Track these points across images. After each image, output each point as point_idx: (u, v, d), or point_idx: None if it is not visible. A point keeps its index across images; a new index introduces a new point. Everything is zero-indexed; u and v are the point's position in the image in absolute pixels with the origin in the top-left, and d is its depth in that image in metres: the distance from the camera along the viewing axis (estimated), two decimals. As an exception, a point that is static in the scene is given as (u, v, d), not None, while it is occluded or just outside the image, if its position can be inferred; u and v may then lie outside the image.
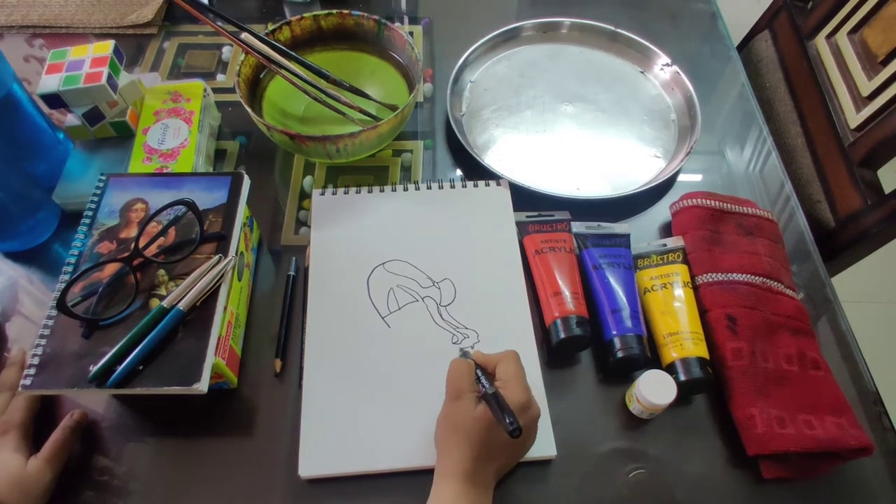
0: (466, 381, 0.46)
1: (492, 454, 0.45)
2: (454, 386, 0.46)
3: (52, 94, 0.59)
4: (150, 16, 0.81)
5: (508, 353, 0.48)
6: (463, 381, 0.46)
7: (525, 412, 0.44)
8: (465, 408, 0.45)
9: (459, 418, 0.45)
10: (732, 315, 0.54)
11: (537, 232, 0.60)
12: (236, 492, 0.49)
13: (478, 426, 0.44)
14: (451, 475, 0.44)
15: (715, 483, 0.51)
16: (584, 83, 0.77)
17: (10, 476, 0.45)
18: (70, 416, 0.50)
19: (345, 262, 0.59)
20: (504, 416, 0.41)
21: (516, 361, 0.47)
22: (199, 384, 0.45)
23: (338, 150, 0.62)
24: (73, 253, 0.51)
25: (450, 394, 0.46)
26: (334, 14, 0.70)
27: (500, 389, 0.45)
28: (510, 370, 0.46)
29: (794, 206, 0.68)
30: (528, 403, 0.45)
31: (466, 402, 0.45)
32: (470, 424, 0.44)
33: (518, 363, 0.47)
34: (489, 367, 0.48)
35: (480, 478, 0.44)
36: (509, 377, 0.45)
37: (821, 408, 0.51)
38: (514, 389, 0.44)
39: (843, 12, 0.79)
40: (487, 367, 0.48)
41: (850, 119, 0.75)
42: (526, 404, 0.44)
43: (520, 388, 0.45)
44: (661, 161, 0.70)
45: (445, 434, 0.46)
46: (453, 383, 0.46)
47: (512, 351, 0.48)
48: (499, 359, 0.47)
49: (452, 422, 0.45)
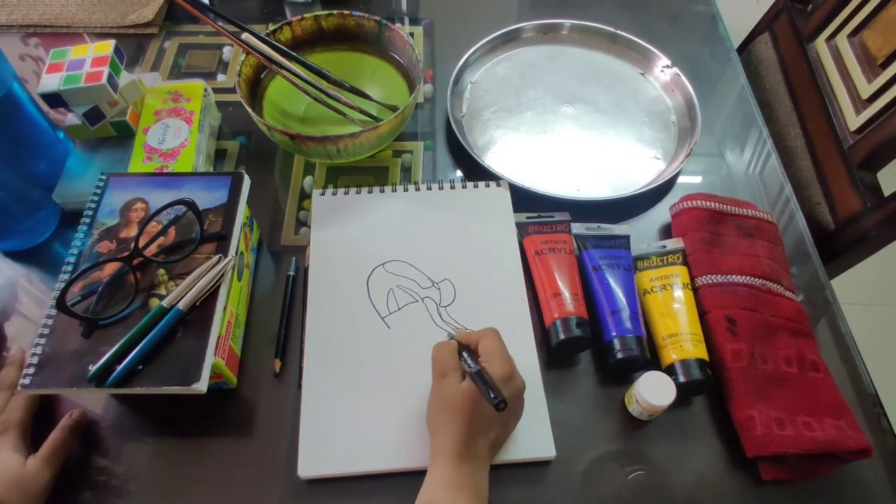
0: (450, 360, 0.47)
1: (482, 428, 0.46)
2: (439, 366, 0.47)
3: (52, 94, 0.59)
4: (150, 15, 0.81)
5: (489, 330, 0.49)
6: (447, 360, 0.47)
7: (509, 383, 0.45)
8: (451, 386, 0.46)
9: (446, 395, 0.46)
10: (732, 317, 0.54)
11: (537, 233, 0.60)
12: (235, 492, 0.49)
13: (465, 401, 0.45)
14: (444, 453, 0.44)
15: (714, 484, 0.51)
16: (584, 84, 0.77)
17: (9, 475, 0.45)
18: (69, 415, 0.50)
19: (345, 262, 0.59)
20: (489, 390, 0.42)
21: (497, 336, 0.48)
22: (199, 384, 0.45)
23: (338, 150, 0.62)
24: (72, 252, 0.51)
25: (435, 374, 0.48)
26: (335, 15, 0.70)
27: (484, 364, 0.46)
28: (492, 345, 0.47)
29: (794, 208, 0.68)
30: (511, 374, 0.46)
31: (452, 379, 0.46)
32: (457, 401, 0.45)
33: (499, 338, 0.48)
34: (471, 344, 0.49)
35: (473, 453, 0.45)
36: (492, 351, 0.47)
37: (820, 410, 0.51)
38: (496, 363, 0.46)
39: (843, 15, 0.79)
40: (470, 344, 0.49)
41: (849, 121, 0.75)
42: (509, 375, 0.46)
43: (502, 361, 0.46)
44: (661, 163, 0.70)
45: (434, 414, 0.47)
46: (438, 363, 0.48)
47: (491, 328, 0.49)
48: (480, 335, 0.49)
49: (440, 400, 0.46)
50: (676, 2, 0.90)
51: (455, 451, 0.44)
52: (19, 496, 0.44)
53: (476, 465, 0.45)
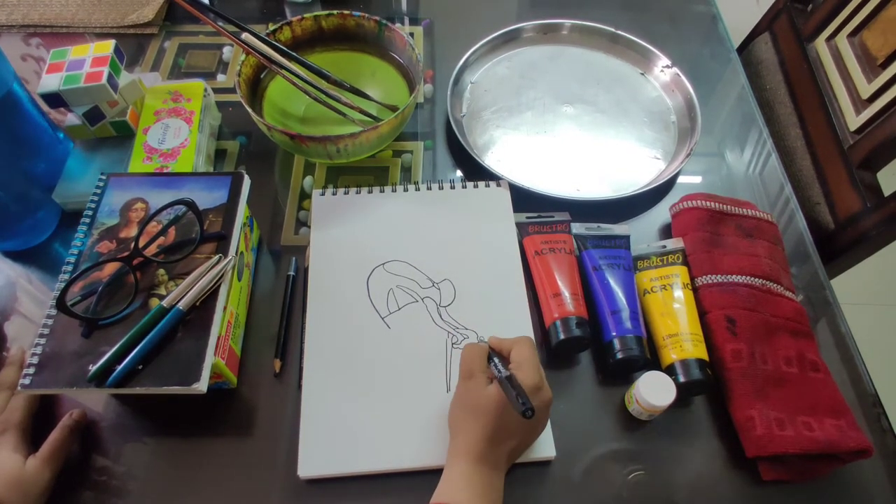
0: (478, 363, 0.47)
1: (503, 435, 0.45)
2: (467, 366, 0.47)
3: (52, 94, 0.59)
4: (150, 15, 0.81)
5: (523, 338, 0.48)
6: (475, 362, 0.47)
7: (537, 394, 0.45)
8: (477, 388, 0.45)
9: (472, 397, 0.45)
10: (732, 317, 0.54)
11: (537, 233, 0.60)
12: (235, 492, 0.49)
13: (490, 406, 0.44)
14: (463, 454, 0.44)
15: (714, 485, 0.51)
16: (584, 84, 0.77)
17: (9, 475, 0.45)
18: (69, 415, 0.50)
19: (345, 262, 0.59)
20: (517, 397, 0.42)
21: (531, 346, 0.48)
22: (199, 384, 0.45)
23: (338, 150, 0.62)
24: (72, 252, 0.51)
25: (463, 374, 0.47)
26: (335, 15, 0.70)
27: (514, 372, 0.45)
28: (524, 353, 0.47)
29: (794, 208, 0.68)
30: (540, 385, 0.45)
31: (478, 382, 0.46)
32: (482, 404, 0.45)
33: (532, 347, 0.48)
34: (503, 351, 0.49)
35: (492, 458, 0.45)
36: (523, 360, 0.46)
37: (820, 410, 0.51)
38: (527, 372, 0.45)
39: (843, 15, 0.79)
40: (502, 351, 0.49)
41: (849, 121, 0.75)
42: (538, 385, 0.45)
43: (533, 371, 0.46)
44: (661, 163, 0.70)
45: (457, 413, 0.47)
46: (466, 364, 0.47)
47: (526, 337, 0.49)
48: (513, 343, 0.48)
49: (464, 401, 0.46)
50: (676, 2, 0.90)
51: (474, 453, 0.44)
52: (19, 496, 0.44)
53: (493, 470, 0.45)
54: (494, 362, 0.47)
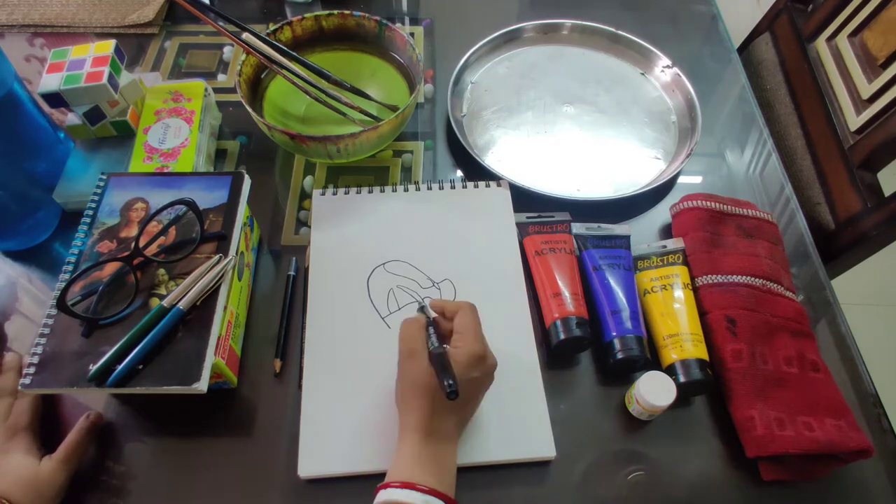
0: (418, 340, 0.47)
1: (448, 407, 0.45)
2: (406, 345, 0.47)
3: (53, 94, 0.59)
4: (151, 15, 0.81)
5: (466, 304, 0.48)
6: (414, 339, 0.47)
7: (481, 363, 0.45)
8: (418, 365, 0.45)
9: (414, 375, 0.46)
10: (732, 317, 0.54)
11: (537, 233, 0.60)
12: (236, 492, 0.49)
13: (432, 382, 0.44)
14: (412, 431, 0.45)
15: (714, 485, 0.51)
16: (584, 85, 0.77)
17: (25, 477, 0.45)
18: (86, 416, 0.50)
19: (345, 262, 0.59)
20: (442, 377, 0.42)
21: (473, 312, 0.48)
22: (199, 384, 0.45)
23: (338, 150, 0.62)
24: (73, 252, 0.51)
25: (403, 352, 0.47)
26: (335, 14, 0.70)
27: (457, 340, 0.46)
28: (466, 321, 0.47)
29: (794, 208, 0.68)
30: (482, 353, 0.46)
31: (419, 359, 0.46)
32: (424, 381, 0.45)
33: (475, 314, 0.48)
34: (446, 312, 0.49)
35: (441, 431, 0.45)
36: (465, 328, 0.47)
37: (820, 410, 0.51)
38: (469, 341, 0.46)
39: (843, 15, 0.79)
40: (445, 312, 0.49)
41: (850, 121, 0.75)
42: (481, 354, 0.45)
43: (475, 339, 0.46)
44: (662, 163, 0.70)
45: (402, 392, 0.47)
46: (405, 342, 0.47)
47: (468, 302, 0.49)
48: (457, 308, 0.48)
49: (407, 380, 0.46)
50: (677, 2, 0.90)
51: (422, 430, 0.44)
52: (35, 497, 0.45)
53: (443, 442, 0.45)
54: (430, 334, 0.47)
